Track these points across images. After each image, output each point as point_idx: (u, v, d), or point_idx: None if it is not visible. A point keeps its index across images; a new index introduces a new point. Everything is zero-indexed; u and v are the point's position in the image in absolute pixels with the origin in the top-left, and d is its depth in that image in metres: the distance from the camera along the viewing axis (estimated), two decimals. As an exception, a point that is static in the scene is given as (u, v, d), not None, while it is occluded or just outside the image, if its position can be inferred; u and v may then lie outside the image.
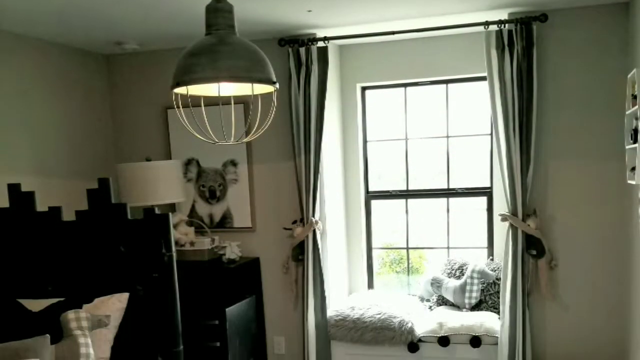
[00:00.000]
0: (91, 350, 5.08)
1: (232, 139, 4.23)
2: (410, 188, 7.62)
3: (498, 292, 6.93)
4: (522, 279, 6.41)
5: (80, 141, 7.18)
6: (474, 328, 6.59)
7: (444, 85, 7.36)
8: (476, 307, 7.06)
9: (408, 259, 7.93)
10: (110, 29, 6.41)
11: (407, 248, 7.86)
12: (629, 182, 5.46)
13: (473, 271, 6.95)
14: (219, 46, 3.61)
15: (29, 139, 6.48)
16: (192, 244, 6.99)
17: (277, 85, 3.94)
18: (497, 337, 6.50)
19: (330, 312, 7.02)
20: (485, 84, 6.40)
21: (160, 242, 5.39)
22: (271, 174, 7.28)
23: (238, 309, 6.37)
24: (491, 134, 6.99)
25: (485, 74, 6.35)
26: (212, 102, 4.27)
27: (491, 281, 6.98)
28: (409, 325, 6.70)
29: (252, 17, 6.10)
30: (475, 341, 6.54)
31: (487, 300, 7.05)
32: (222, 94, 3.96)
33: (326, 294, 7.01)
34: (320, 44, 6.73)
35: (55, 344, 5.01)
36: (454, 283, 7.12)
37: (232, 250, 6.97)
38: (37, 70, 6.61)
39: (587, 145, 6.40)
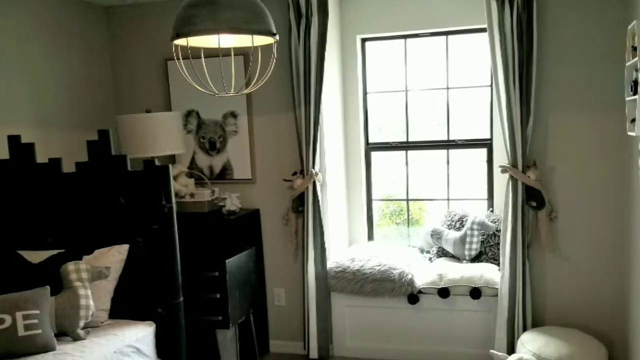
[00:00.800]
0: (91, 302, 5.12)
1: (232, 90, 4.23)
2: (410, 140, 7.62)
3: (498, 243, 6.95)
4: (522, 230, 6.43)
5: (80, 93, 7.17)
6: (474, 279, 6.62)
7: (444, 37, 7.32)
8: (476, 258, 7.09)
9: (408, 210, 7.94)
10: (110, -20, 6.39)
11: (407, 200, 7.88)
12: (629, 133, 5.45)
13: (473, 223, 6.97)
14: (219, -3, 3.60)
15: (29, 90, 6.46)
16: (192, 195, 6.99)
17: (277, 37, 3.94)
18: (497, 288, 6.54)
19: (330, 263, 7.05)
20: (485, 36, 6.37)
21: (160, 193, 5.41)
22: (271, 126, 7.27)
23: (238, 260, 6.39)
24: (491, 86, 6.98)
25: (485, 26, 6.31)
26: (212, 53, 4.26)
27: (491, 233, 6.99)
28: (409, 276, 6.73)
29: (252, -33, 6.06)
30: (475, 293, 6.58)
31: (487, 252, 7.07)
32: (222, 46, 3.96)
33: (326, 245, 7.04)
34: (320, -5, 6.70)
35: (55, 296, 5.05)
36: (454, 235, 7.14)
37: (232, 202, 6.97)
38: (37, 21, 6.57)
39: (587, 97, 6.38)
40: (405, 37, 7.43)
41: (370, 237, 7.89)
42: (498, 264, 6.79)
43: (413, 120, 7.60)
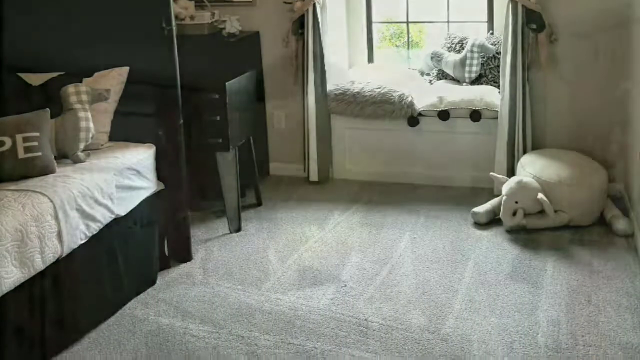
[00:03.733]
0: (91, 124, 5.12)
1: None
2: (410, -39, 7.53)
3: (498, 66, 6.91)
4: (522, 53, 6.41)
5: None
6: (474, 102, 6.64)
7: None
8: (476, 81, 7.08)
9: (408, 33, 7.89)
10: None
11: (407, 22, 7.81)
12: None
13: (473, 45, 6.93)
14: None
15: None
16: (191, 18, 6.94)
17: None
18: (497, 111, 6.56)
19: (330, 86, 7.06)
20: None
21: (160, 16, 5.37)
22: (271, -54, 7.16)
23: (238, 83, 6.37)
24: None
25: None
26: None
27: (491, 55, 6.96)
28: (409, 99, 6.75)
29: None
30: (475, 115, 6.61)
31: (487, 74, 7.06)
32: None
33: (326, 68, 7.04)
34: None
35: (55, 118, 5.04)
36: (454, 57, 7.11)
37: (232, 24, 6.92)
38: None
39: None
40: None
41: (370, 59, 7.86)
42: (498, 87, 6.78)
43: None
